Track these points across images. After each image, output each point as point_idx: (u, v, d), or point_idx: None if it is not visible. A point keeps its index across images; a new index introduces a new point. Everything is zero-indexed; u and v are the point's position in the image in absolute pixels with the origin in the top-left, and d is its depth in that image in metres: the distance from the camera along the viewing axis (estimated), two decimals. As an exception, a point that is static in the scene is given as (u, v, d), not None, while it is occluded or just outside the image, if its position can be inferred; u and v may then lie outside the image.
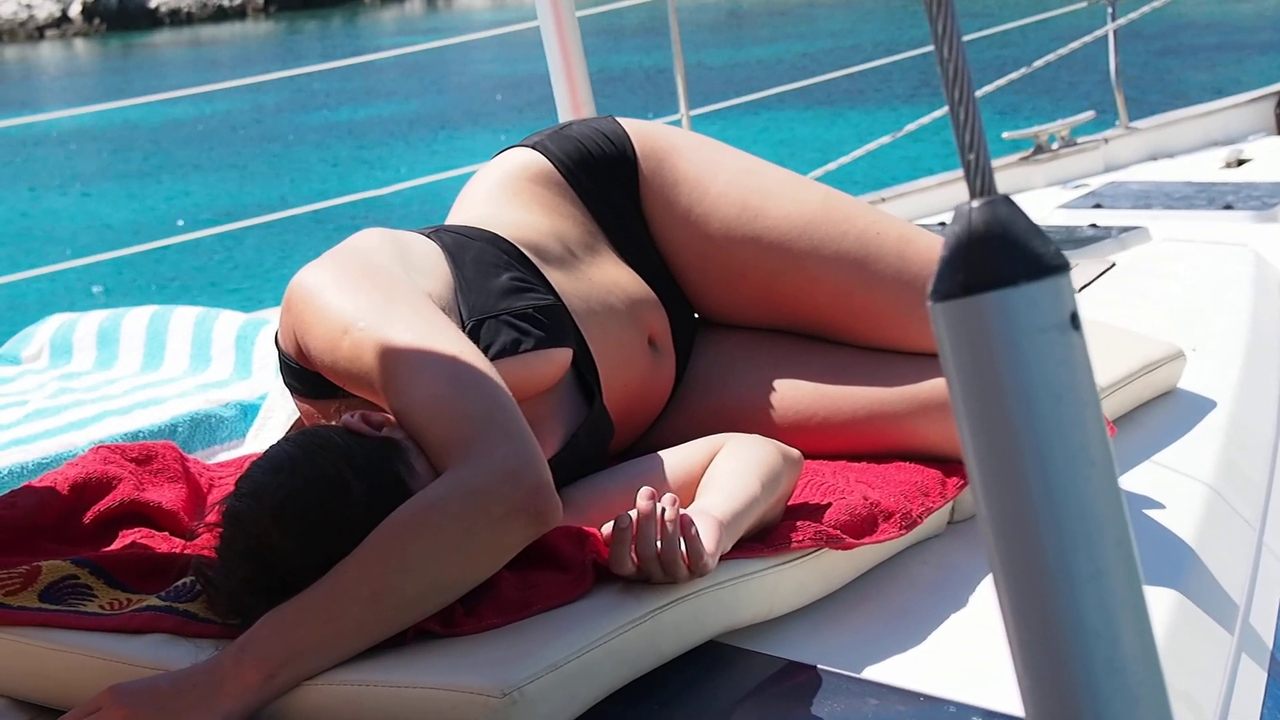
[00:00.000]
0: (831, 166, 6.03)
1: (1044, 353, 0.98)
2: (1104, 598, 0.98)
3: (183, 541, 2.25)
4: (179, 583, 2.08)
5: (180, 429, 2.91)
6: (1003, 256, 0.99)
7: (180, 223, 14.05)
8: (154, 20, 39.77)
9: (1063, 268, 1.00)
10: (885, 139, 6.12)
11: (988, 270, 0.99)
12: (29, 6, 39.00)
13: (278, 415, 2.92)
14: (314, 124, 21.48)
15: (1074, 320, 0.99)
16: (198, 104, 23.84)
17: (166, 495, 2.35)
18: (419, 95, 23.68)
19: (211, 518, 2.06)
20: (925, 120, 6.23)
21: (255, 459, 2.04)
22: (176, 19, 39.87)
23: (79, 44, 37.87)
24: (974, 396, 0.99)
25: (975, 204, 1.01)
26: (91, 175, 19.19)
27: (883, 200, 5.43)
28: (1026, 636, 0.99)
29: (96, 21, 38.93)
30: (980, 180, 1.00)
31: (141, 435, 2.84)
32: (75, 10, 38.99)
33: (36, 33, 38.75)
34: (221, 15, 40.32)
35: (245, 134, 21.23)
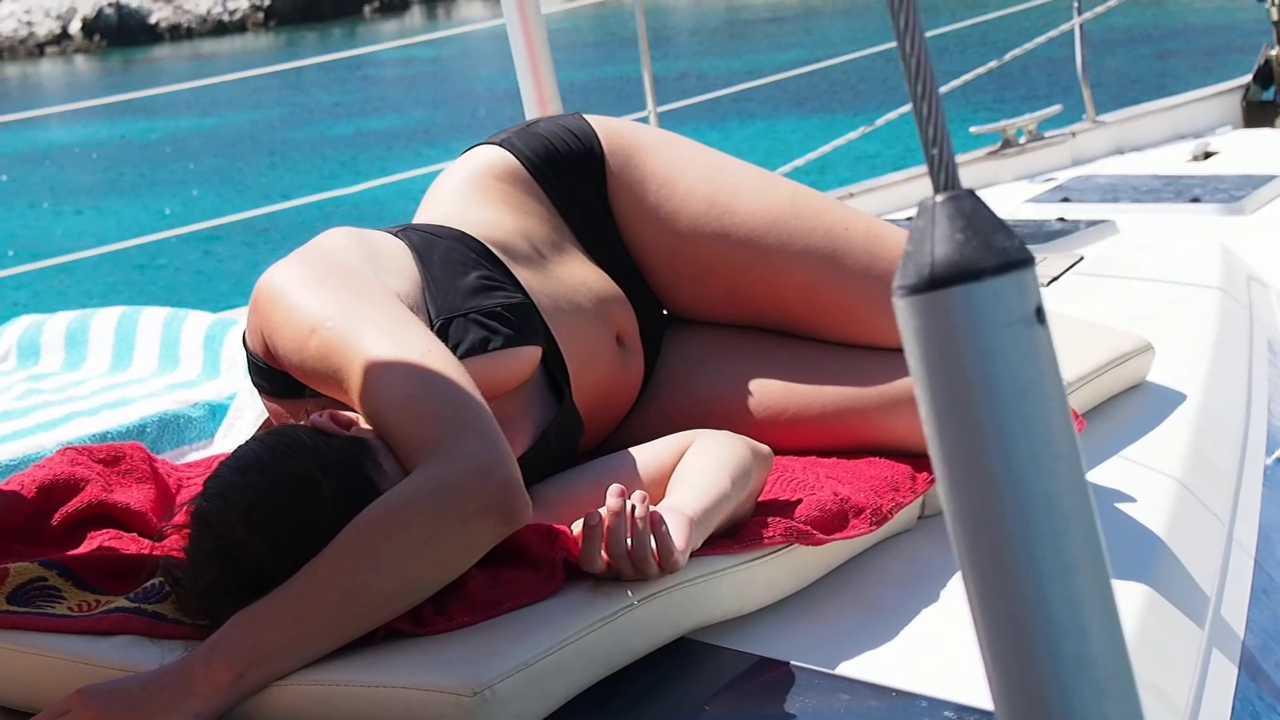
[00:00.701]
0: (799, 162, 6.04)
1: (1009, 347, 0.98)
2: (1072, 592, 0.98)
3: (151, 542, 2.24)
4: (148, 584, 2.08)
5: (149, 429, 2.90)
6: (967, 251, 0.99)
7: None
8: (154, 35, 39.72)
9: (1027, 261, 1.00)
10: (854, 134, 6.13)
11: (952, 264, 0.99)
12: (29, 24, 38.90)
13: (246, 415, 2.91)
14: (310, 138, 21.46)
15: (1039, 314, 0.99)
16: (195, 119, 23.81)
17: (135, 496, 2.34)
18: (417, 108, 23.65)
19: (180, 518, 2.06)
20: (893, 115, 6.24)
21: (223, 459, 2.03)
22: (177, 34, 39.83)
23: (79, 60, 37.80)
24: (939, 391, 0.99)
25: (939, 198, 1.01)
26: (86, 191, 19.12)
27: (851, 195, 5.43)
28: (994, 631, 0.99)
29: (97, 38, 38.86)
30: (944, 175, 1.00)
31: (110, 436, 2.83)
32: (75, 27, 38.90)
33: (37, 50, 38.63)
34: (221, 29, 40.28)
35: (240, 148, 21.21)
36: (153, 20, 39.91)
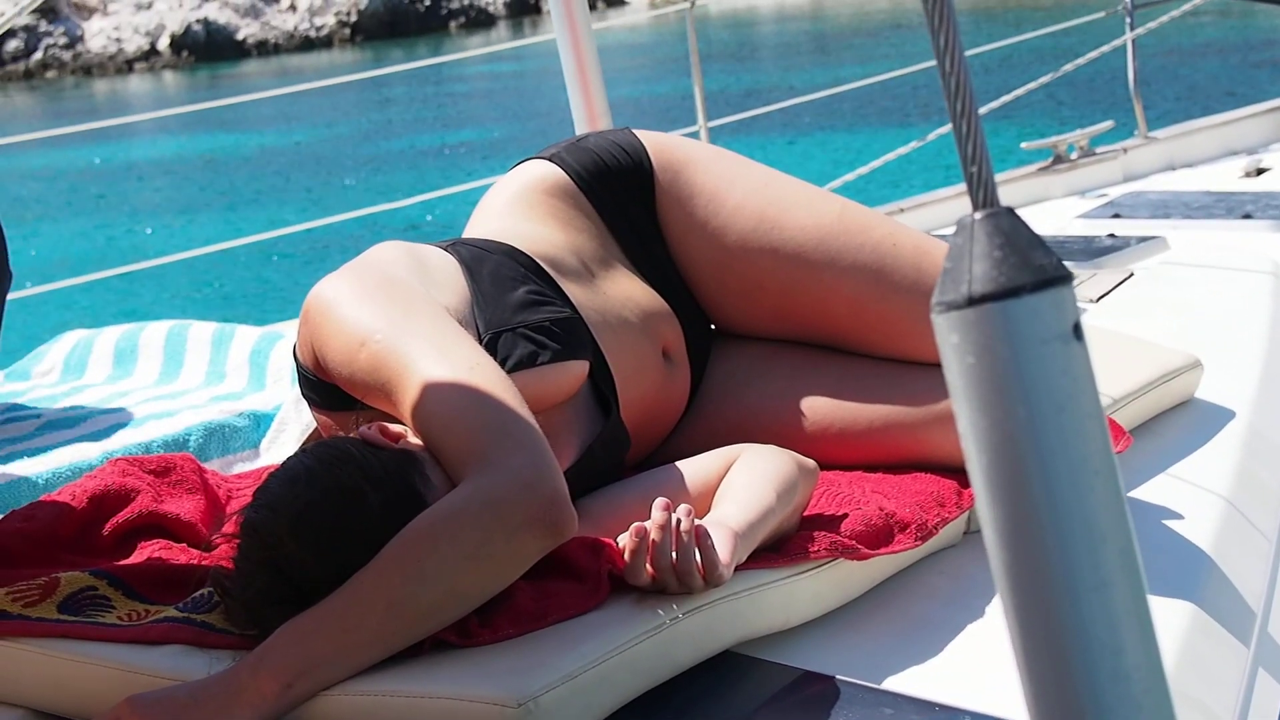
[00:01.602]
0: (850, 177, 6.04)
1: (1047, 363, 0.99)
2: (1108, 607, 0.99)
3: (200, 553, 2.26)
4: (197, 594, 2.10)
5: (193, 439, 2.92)
6: (1005, 268, 0.99)
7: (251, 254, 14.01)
8: (241, 51, 39.95)
9: (1065, 279, 1.00)
10: (904, 149, 6.12)
11: (990, 281, 0.99)
12: (118, 40, 39.24)
13: (291, 427, 2.93)
14: (393, 152, 21.51)
15: (1076, 331, 1.00)
16: (280, 135, 23.89)
17: (184, 507, 2.36)
18: (502, 122, 23.68)
19: (229, 529, 2.07)
20: (945, 130, 6.23)
21: (273, 470, 2.05)
22: (264, 50, 40.06)
23: (168, 76, 38.08)
24: (977, 407, 1.00)
25: (978, 215, 1.01)
26: (173, 207, 19.19)
27: (901, 211, 5.43)
28: (1031, 645, 1.00)
29: (185, 53, 39.16)
30: (983, 192, 1.00)
31: (154, 446, 2.85)
32: (164, 43, 39.22)
33: (126, 66, 38.98)
34: (308, 45, 40.47)
35: (324, 165, 21.27)
36: (240, 36, 40.18)
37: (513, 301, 2.28)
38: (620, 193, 2.55)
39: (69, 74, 38.71)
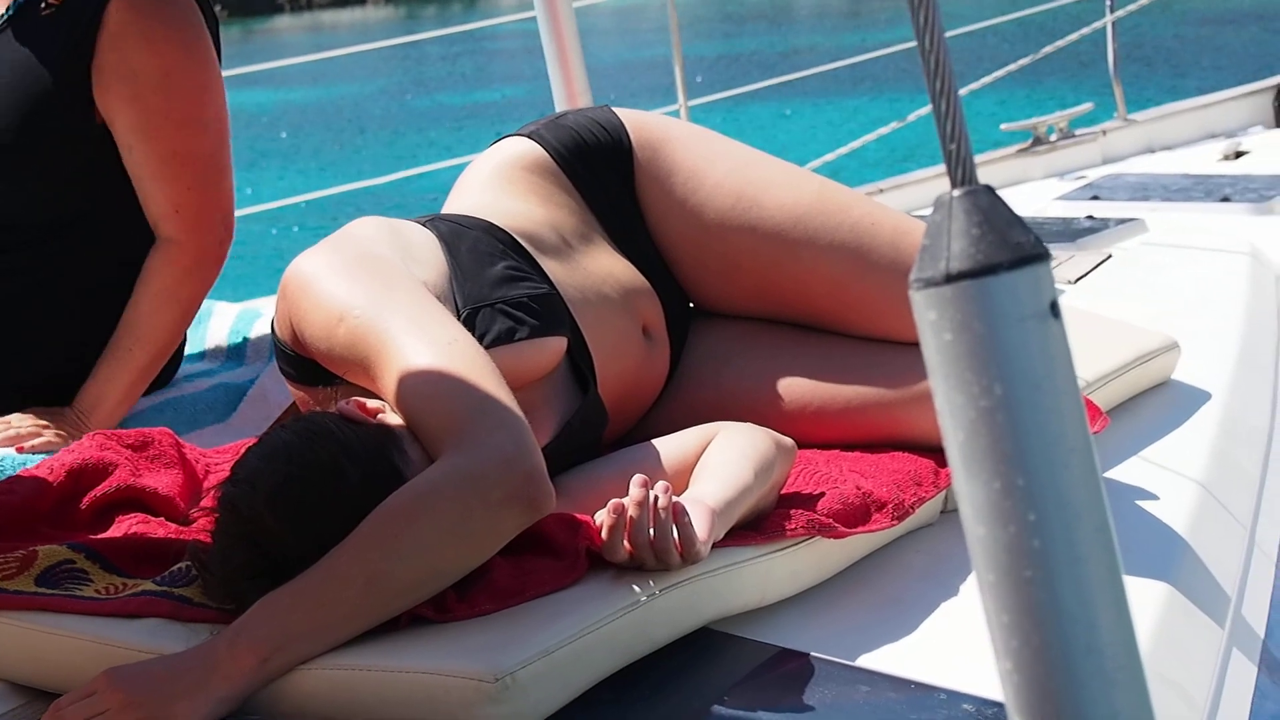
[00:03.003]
0: (830, 157, 6.04)
1: (1024, 340, 0.99)
2: (1082, 583, 0.99)
3: (178, 527, 2.26)
4: (175, 567, 2.09)
5: (167, 412, 2.92)
6: (983, 245, 1.00)
7: (274, 232, 13.88)
8: (274, 6, 39.87)
9: (1043, 256, 1.01)
10: (884, 129, 6.12)
11: (968, 259, 1.00)
12: None
13: (269, 400, 2.93)
14: (425, 108, 21.39)
15: (1054, 309, 1.00)
16: (316, 89, 23.76)
17: (163, 481, 2.36)
18: (535, 80, 23.60)
19: (207, 503, 2.07)
20: (925, 111, 6.23)
21: (251, 445, 2.05)
22: (296, 5, 40.06)
23: None
24: (954, 384, 1.00)
25: (956, 193, 1.02)
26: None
27: (880, 191, 5.44)
28: (1005, 621, 1.01)
29: (218, 7, 39.10)
30: (961, 170, 1.01)
31: (128, 421, 2.85)
32: None
33: None
34: (341, 2, 40.38)
35: (357, 119, 21.14)
36: None
37: (491, 277, 2.28)
38: (599, 170, 2.55)
39: None
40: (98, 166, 2.85)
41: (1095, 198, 4.99)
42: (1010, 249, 0.99)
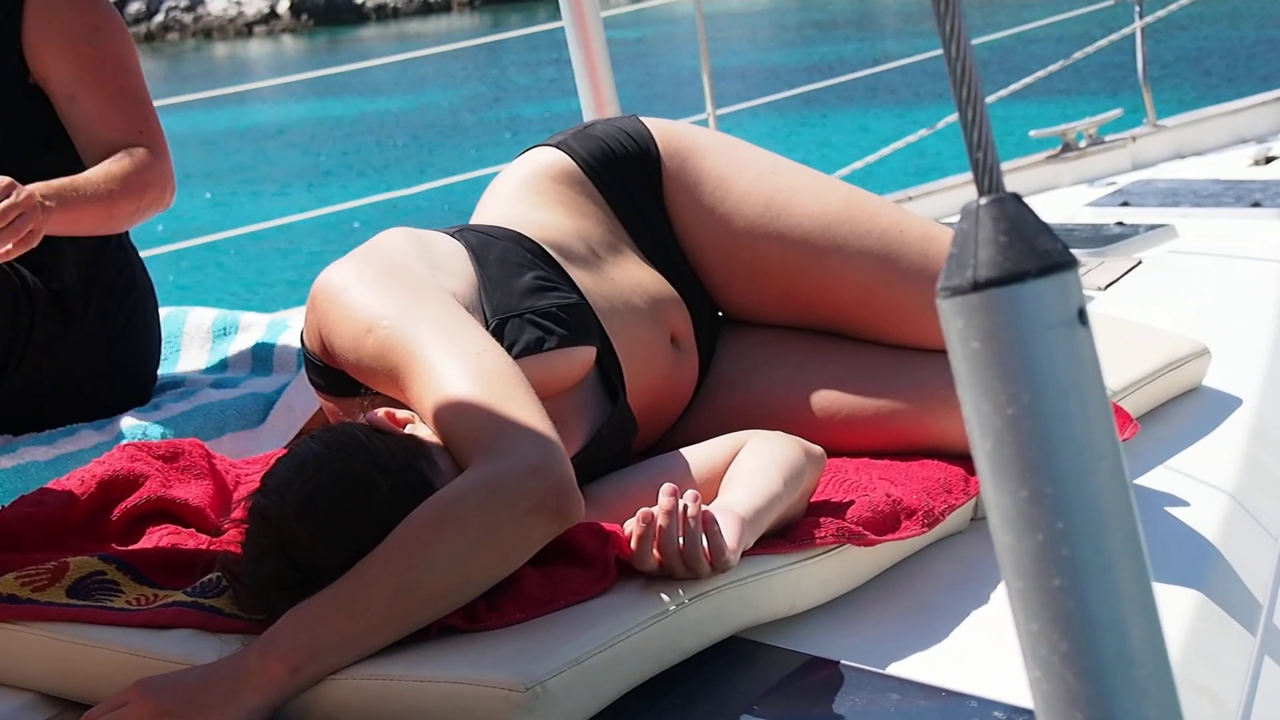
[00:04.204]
0: (858, 165, 6.03)
1: (1052, 348, 0.99)
2: (1112, 591, 0.99)
3: (209, 538, 2.27)
4: (205, 578, 2.10)
5: (194, 418, 2.93)
6: (1011, 253, 0.99)
7: (357, 225, 13.92)
8: (360, 16, 40.15)
9: (1070, 264, 1.00)
10: (912, 137, 6.11)
11: (996, 266, 0.99)
12: (239, 4, 39.83)
13: (295, 410, 2.94)
14: (505, 119, 21.47)
15: (1081, 316, 1.00)
16: (406, 99, 23.86)
17: (193, 492, 2.37)
18: (621, 89, 23.57)
19: (237, 514, 2.08)
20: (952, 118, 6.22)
21: (281, 456, 2.06)
22: (383, 14, 40.27)
23: (286, 40, 38.33)
24: (982, 393, 1.00)
25: (983, 201, 1.02)
26: (284, 174, 19.15)
27: (909, 199, 5.43)
28: (1034, 630, 1.00)
29: (304, 17, 39.53)
30: (988, 178, 1.01)
31: (158, 431, 2.86)
32: (283, 6, 39.68)
33: (245, 29, 39.47)
34: (427, 9, 40.59)
35: (437, 130, 21.20)
36: (359, 0, 40.30)
37: (519, 287, 2.28)
38: (627, 180, 2.55)
39: (189, 36, 39.15)
40: (30, 130, 3.00)
41: (1125, 204, 4.97)
42: (1038, 256, 0.99)
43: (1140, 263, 4.00)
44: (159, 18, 39.51)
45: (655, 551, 1.97)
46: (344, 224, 13.92)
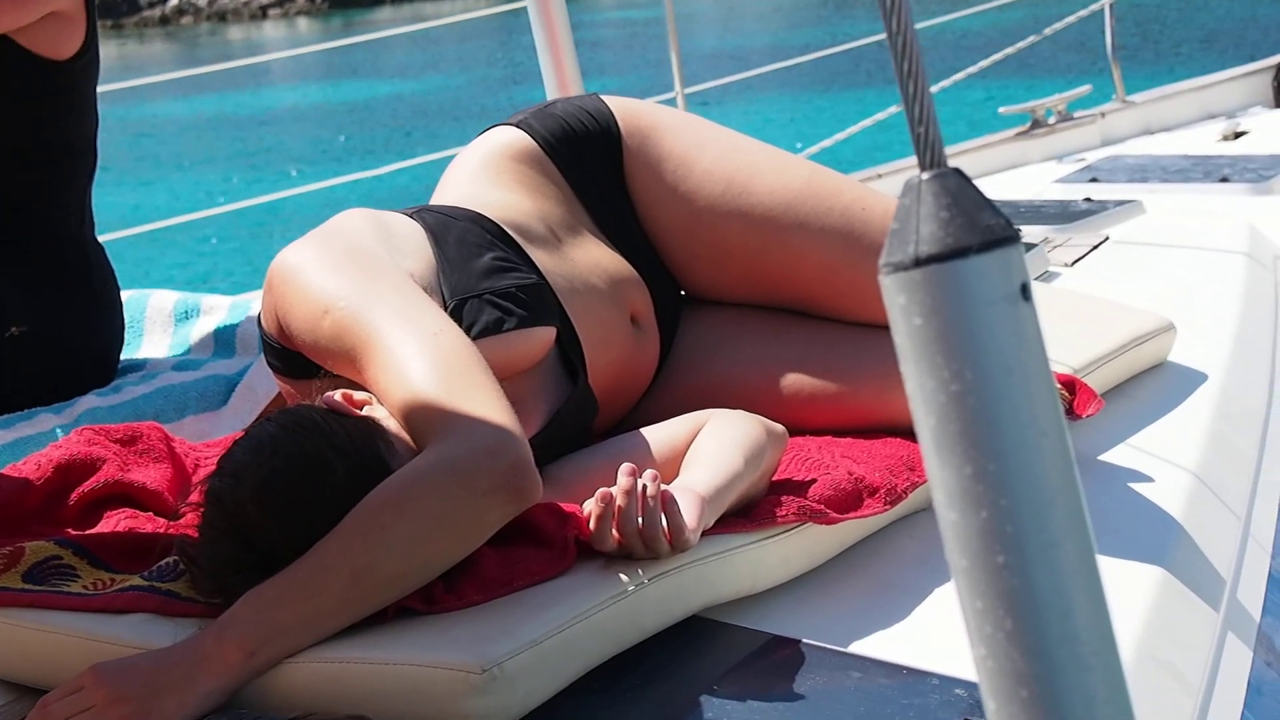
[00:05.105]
0: (828, 142, 6.03)
1: (994, 324, 0.98)
2: (1056, 568, 0.98)
3: (167, 521, 2.26)
4: (162, 562, 2.09)
5: (155, 400, 2.91)
6: (952, 228, 0.99)
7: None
8: None
9: (1013, 239, 1.00)
10: (868, 121, 6.11)
11: (937, 242, 0.99)
12: None
13: (258, 392, 2.93)
14: (516, 102, 21.51)
15: (1025, 291, 0.99)
16: (417, 81, 23.82)
17: (151, 476, 2.35)
18: (634, 70, 23.50)
19: (195, 497, 2.07)
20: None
21: (237, 438, 2.04)
22: None
23: (301, 22, 38.24)
24: (925, 369, 0.99)
25: (925, 176, 1.01)
26: (295, 157, 19.11)
27: (879, 176, 5.43)
28: (978, 606, 1.00)
29: (319, 0, 39.30)
30: (930, 153, 1.00)
31: (120, 410, 2.84)
32: None
33: (260, 12, 39.38)
34: None
35: (448, 113, 21.18)
36: None
37: (478, 268, 2.27)
38: (588, 159, 2.54)
39: (204, 20, 39.06)
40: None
41: (1094, 180, 4.98)
42: (979, 231, 0.98)
43: (1107, 239, 4.00)
44: (173, 2, 39.45)
45: (614, 531, 1.96)
46: (352, 203, 13.90)
